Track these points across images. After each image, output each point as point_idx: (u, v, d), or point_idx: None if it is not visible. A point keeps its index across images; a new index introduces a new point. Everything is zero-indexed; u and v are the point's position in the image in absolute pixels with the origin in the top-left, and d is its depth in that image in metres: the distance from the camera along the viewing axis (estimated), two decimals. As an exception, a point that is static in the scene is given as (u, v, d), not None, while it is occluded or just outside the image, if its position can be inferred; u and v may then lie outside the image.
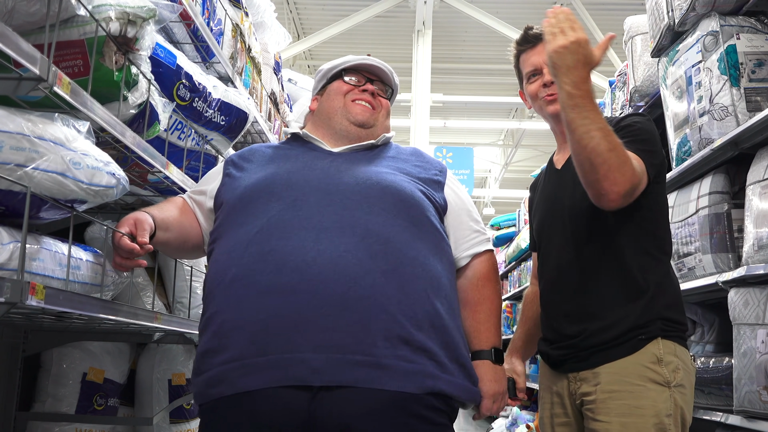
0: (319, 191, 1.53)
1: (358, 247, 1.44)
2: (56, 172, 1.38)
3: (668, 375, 1.65)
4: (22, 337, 2.29)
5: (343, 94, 1.77)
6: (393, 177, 1.60)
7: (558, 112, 1.80)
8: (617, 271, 1.71)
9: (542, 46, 1.82)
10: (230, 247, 1.51)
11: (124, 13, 1.61)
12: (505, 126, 14.45)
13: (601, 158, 1.53)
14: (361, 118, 1.73)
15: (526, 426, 6.20)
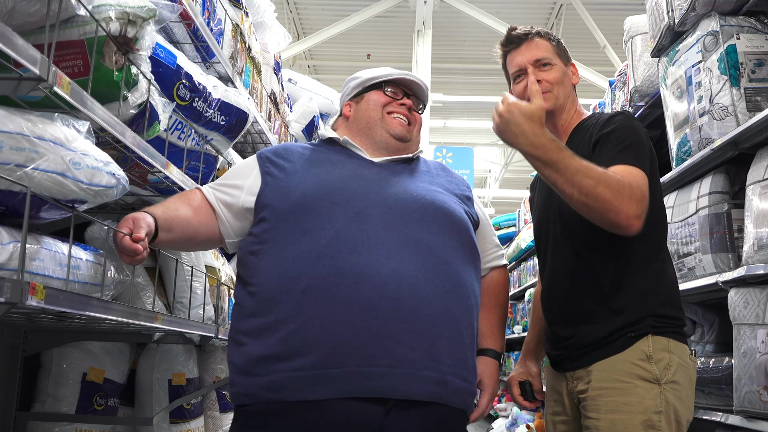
0: (380, 205, 1.58)
1: (426, 267, 1.53)
2: (56, 172, 1.38)
3: (658, 372, 1.65)
4: (22, 337, 2.29)
5: (382, 106, 1.79)
6: (443, 196, 1.69)
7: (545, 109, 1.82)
8: (607, 273, 1.72)
9: (526, 45, 1.89)
10: (297, 255, 1.52)
11: (124, 13, 1.61)
12: (505, 126, 14.43)
13: (593, 196, 1.55)
14: (400, 133, 1.77)
15: (526, 426, 6.20)
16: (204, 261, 2.60)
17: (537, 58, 1.87)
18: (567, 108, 1.90)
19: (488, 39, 10.81)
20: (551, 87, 1.86)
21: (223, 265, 2.84)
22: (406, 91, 1.84)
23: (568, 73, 1.92)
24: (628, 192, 1.56)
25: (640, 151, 1.69)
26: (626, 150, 1.68)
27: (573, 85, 1.95)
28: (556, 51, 1.91)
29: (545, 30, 1.96)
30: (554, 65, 1.88)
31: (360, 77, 1.86)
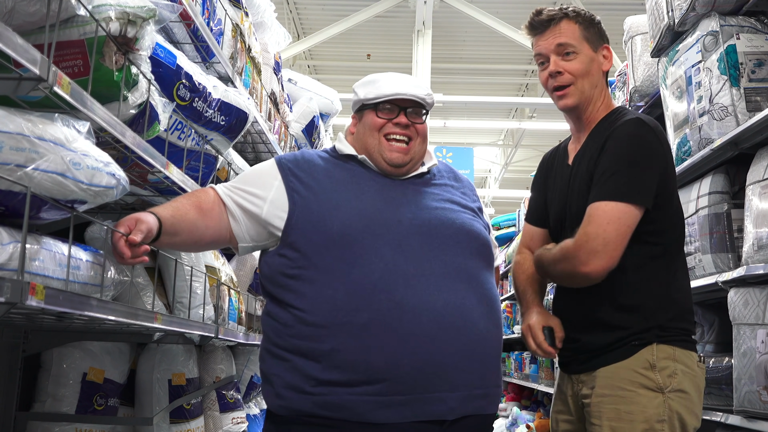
0: (418, 235, 1.66)
1: (469, 293, 1.65)
2: (56, 172, 1.38)
3: (662, 380, 1.64)
4: (22, 337, 2.29)
5: (378, 129, 1.76)
6: (464, 217, 1.76)
7: (567, 107, 1.81)
8: (616, 282, 1.70)
9: (550, 31, 1.79)
10: (349, 288, 1.59)
11: (124, 13, 1.61)
12: (505, 126, 14.45)
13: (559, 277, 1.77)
14: (396, 160, 1.76)
15: (526, 426, 6.20)
16: (204, 261, 2.60)
17: (558, 43, 1.77)
18: (594, 99, 1.81)
19: (488, 39, 10.80)
20: (574, 79, 1.77)
21: (223, 265, 2.84)
22: (402, 105, 1.77)
23: (596, 59, 1.80)
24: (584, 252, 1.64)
25: (629, 177, 1.66)
26: (610, 180, 1.66)
27: (604, 72, 1.83)
28: (584, 35, 1.79)
29: (575, 9, 1.83)
30: (579, 53, 1.77)
31: (357, 94, 1.81)
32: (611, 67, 1.86)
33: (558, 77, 1.78)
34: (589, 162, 1.76)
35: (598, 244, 1.62)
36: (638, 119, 1.73)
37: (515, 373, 7.76)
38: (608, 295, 1.72)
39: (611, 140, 1.71)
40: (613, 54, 1.86)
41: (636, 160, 1.68)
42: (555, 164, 1.95)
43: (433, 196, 1.77)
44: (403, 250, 1.63)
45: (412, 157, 1.77)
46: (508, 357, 8.31)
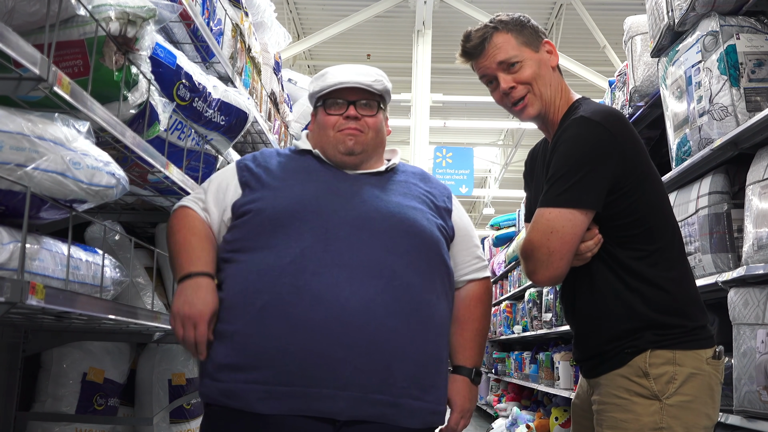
0: (349, 225, 1.59)
1: (386, 291, 1.54)
2: (56, 172, 1.38)
3: (657, 387, 1.59)
4: (22, 337, 2.29)
5: (330, 127, 1.73)
6: (414, 212, 1.67)
7: (531, 117, 1.76)
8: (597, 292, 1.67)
9: (485, 51, 1.73)
10: (260, 269, 1.54)
11: (124, 13, 1.61)
12: (505, 126, 14.46)
13: None
14: (350, 148, 1.70)
15: (526, 426, 6.20)
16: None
17: (500, 61, 1.72)
18: (552, 98, 1.74)
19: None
20: (527, 88, 1.71)
21: (223, 265, 2.84)
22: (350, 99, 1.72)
23: (542, 59, 1.73)
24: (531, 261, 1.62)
25: (572, 182, 1.59)
26: (554, 186, 1.61)
27: (554, 68, 1.76)
28: (521, 41, 1.72)
29: (501, 19, 1.76)
30: (523, 60, 1.71)
31: (310, 89, 1.80)
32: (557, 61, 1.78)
33: (512, 92, 1.72)
34: (546, 165, 1.72)
35: (543, 255, 1.59)
36: (582, 117, 1.65)
37: (515, 373, 7.76)
38: (596, 303, 1.68)
39: (559, 142, 1.66)
40: (554, 47, 1.77)
41: (580, 162, 1.60)
42: (537, 161, 1.91)
43: (384, 191, 1.69)
44: (327, 239, 1.56)
45: (364, 148, 1.72)
46: (507, 357, 8.31)
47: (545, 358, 5.99)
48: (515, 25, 1.74)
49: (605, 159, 1.61)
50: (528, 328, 6.64)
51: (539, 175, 1.85)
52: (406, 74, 10.90)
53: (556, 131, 1.72)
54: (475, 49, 1.76)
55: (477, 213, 19.86)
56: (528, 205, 1.95)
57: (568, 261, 1.61)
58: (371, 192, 1.68)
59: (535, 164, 1.92)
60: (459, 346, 1.73)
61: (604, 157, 1.61)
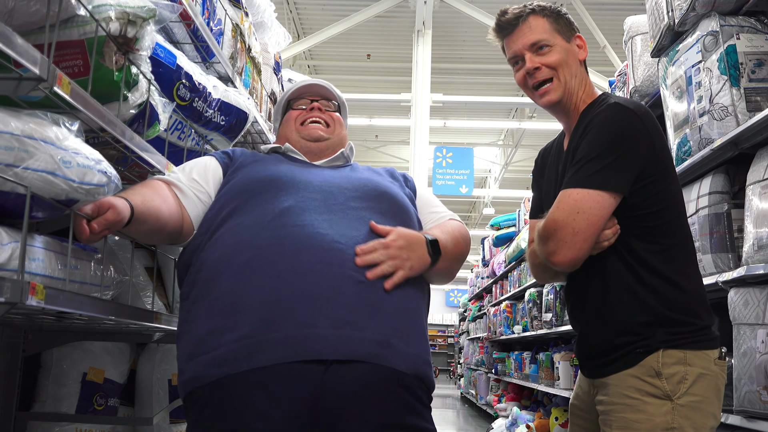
0: (323, 191, 1.64)
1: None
2: (46, 171, 1.38)
3: (669, 388, 1.59)
4: (22, 337, 2.29)
5: (294, 120, 1.96)
6: (383, 182, 1.76)
7: (551, 103, 1.77)
8: (608, 283, 1.67)
9: (519, 30, 1.76)
10: (239, 232, 1.55)
11: (124, 13, 1.61)
12: (505, 126, 14.46)
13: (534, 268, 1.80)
14: (315, 134, 1.90)
15: (526, 426, 6.20)
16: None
17: (532, 42, 1.74)
18: (576, 90, 1.77)
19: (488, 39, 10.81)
20: (554, 72, 1.74)
21: (223, 265, 2.84)
22: (313, 99, 1.98)
23: (571, 50, 1.76)
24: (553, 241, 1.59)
25: (603, 165, 1.60)
26: (584, 167, 1.61)
27: (581, 62, 1.79)
28: (555, 27, 1.75)
29: (540, 4, 1.79)
30: (553, 46, 1.74)
31: (277, 107, 2.05)
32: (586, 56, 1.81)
33: (536, 73, 1.74)
34: (573, 152, 1.71)
35: (567, 234, 1.58)
36: (617, 104, 1.67)
37: (515, 373, 7.76)
38: (608, 296, 1.67)
39: (590, 127, 1.67)
40: (586, 43, 1.80)
41: (611, 145, 1.61)
42: (550, 159, 1.92)
43: (353, 172, 1.81)
44: (304, 200, 1.59)
45: (330, 136, 1.91)
46: (507, 357, 8.31)
47: (545, 358, 6.00)
48: (551, 12, 1.77)
49: (636, 145, 1.62)
50: (528, 328, 6.64)
51: (551, 171, 1.86)
52: (406, 74, 10.90)
53: (580, 120, 1.73)
54: (509, 23, 1.79)
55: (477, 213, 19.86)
56: (536, 202, 1.95)
57: (591, 244, 1.60)
58: (340, 172, 1.79)
59: (547, 161, 1.92)
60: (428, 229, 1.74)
61: (635, 143, 1.62)
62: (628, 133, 1.63)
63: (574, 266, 1.63)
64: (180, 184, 1.74)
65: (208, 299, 1.50)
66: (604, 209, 1.59)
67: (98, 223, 1.43)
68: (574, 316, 1.83)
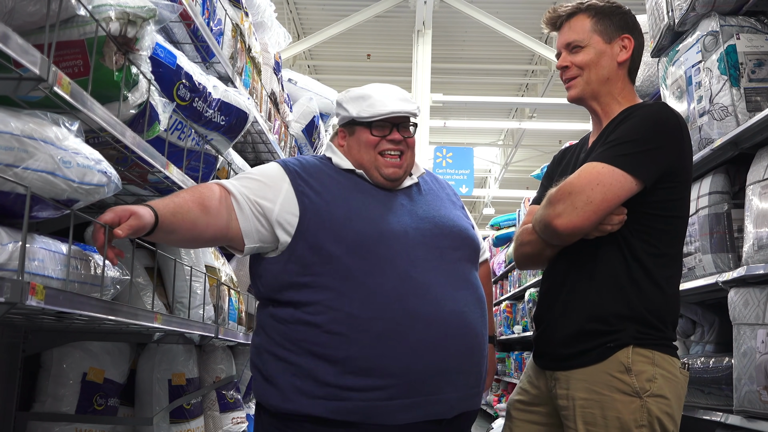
0: (421, 244, 1.72)
1: (470, 301, 1.74)
2: (46, 171, 1.37)
3: (639, 385, 1.59)
4: (22, 337, 2.29)
5: (373, 147, 1.79)
6: (458, 217, 1.86)
7: (572, 99, 1.83)
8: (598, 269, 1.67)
9: (563, 27, 1.81)
10: (364, 297, 1.64)
11: (124, 13, 1.61)
12: (505, 126, 14.46)
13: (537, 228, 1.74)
14: (393, 176, 1.81)
15: (526, 426, 6.19)
16: (204, 261, 2.60)
17: (567, 42, 1.78)
18: (605, 93, 1.77)
19: (488, 39, 10.81)
20: (580, 72, 1.76)
21: (223, 265, 2.84)
22: (394, 122, 1.80)
23: (608, 51, 1.76)
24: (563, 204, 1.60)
25: (635, 149, 1.61)
26: (614, 147, 1.62)
27: (620, 63, 1.77)
28: (596, 28, 1.76)
29: (593, 3, 1.80)
30: (586, 46, 1.75)
31: (346, 109, 1.81)
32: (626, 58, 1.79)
33: (566, 71, 1.79)
34: (605, 138, 1.70)
35: (579, 201, 1.58)
36: (665, 104, 1.74)
37: (515, 373, 7.76)
38: (592, 287, 1.67)
39: (631, 116, 1.68)
40: (635, 44, 1.80)
41: (650, 135, 1.63)
42: (570, 154, 1.92)
43: (426, 204, 1.84)
44: (412, 260, 1.69)
45: (405, 170, 1.85)
46: (508, 357, 8.31)
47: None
48: (599, 12, 1.78)
49: (672, 144, 1.64)
50: (528, 328, 6.64)
51: (569, 163, 1.86)
52: (406, 74, 10.89)
53: (616, 118, 1.73)
54: (553, 21, 1.85)
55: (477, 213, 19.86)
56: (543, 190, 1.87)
57: (598, 220, 1.60)
58: (418, 208, 1.81)
59: (566, 156, 1.93)
60: None
61: (671, 142, 1.64)
62: (668, 130, 1.65)
63: (573, 236, 1.63)
64: (239, 196, 1.69)
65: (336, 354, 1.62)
66: (623, 191, 1.59)
67: (122, 229, 1.44)
68: (545, 303, 1.79)
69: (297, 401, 1.63)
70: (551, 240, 1.69)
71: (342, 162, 1.83)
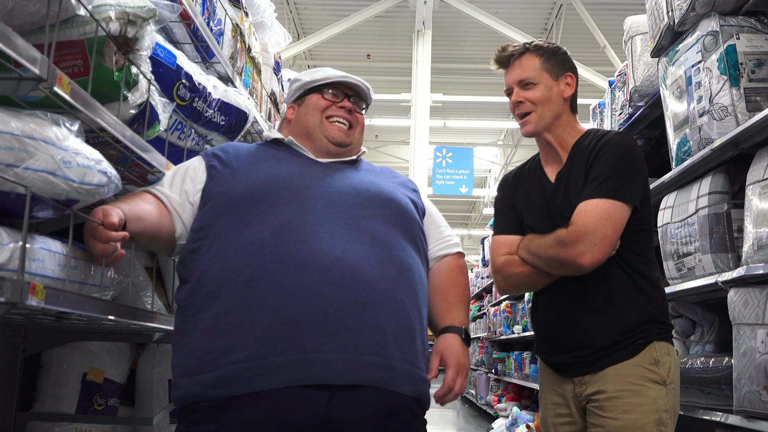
0: (324, 198, 1.59)
1: (370, 254, 1.52)
2: (46, 171, 1.37)
3: (664, 374, 1.83)
4: (22, 337, 2.29)
5: (321, 110, 1.79)
6: (387, 186, 1.72)
7: (528, 134, 1.97)
8: (615, 290, 1.86)
9: (513, 66, 1.97)
10: (239, 246, 1.50)
11: (124, 13, 1.61)
12: (505, 126, 14.46)
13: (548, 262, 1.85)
14: (339, 139, 1.77)
15: (526, 426, 6.20)
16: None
17: (520, 79, 1.95)
18: (559, 125, 1.96)
19: (488, 39, 10.81)
20: (533, 107, 1.94)
21: (223, 265, 2.84)
22: (347, 92, 1.83)
23: (556, 87, 1.95)
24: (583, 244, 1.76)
25: (622, 180, 1.82)
26: (606, 182, 1.82)
27: (566, 99, 1.98)
28: (544, 66, 1.95)
29: (537, 43, 1.99)
30: (537, 84, 1.93)
31: (301, 79, 1.85)
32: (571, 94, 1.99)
33: (520, 106, 1.95)
34: (577, 175, 1.90)
35: (597, 238, 1.77)
36: (623, 134, 1.94)
37: (515, 373, 7.76)
38: (612, 300, 1.86)
39: (604, 150, 1.87)
40: (576, 81, 2.00)
41: (627, 165, 1.85)
42: (524, 182, 2.04)
43: (356, 173, 1.74)
44: (304, 211, 1.54)
45: (352, 141, 1.80)
46: (507, 357, 8.31)
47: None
48: (546, 52, 1.97)
49: (643, 166, 1.90)
50: (528, 328, 6.65)
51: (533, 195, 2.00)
52: (406, 74, 10.90)
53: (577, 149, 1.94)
54: (503, 60, 2.01)
55: (477, 213, 19.86)
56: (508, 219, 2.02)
57: (613, 249, 1.82)
58: (342, 174, 1.71)
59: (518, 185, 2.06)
60: (445, 310, 1.70)
61: (642, 166, 1.90)
62: (638, 155, 1.90)
63: (594, 267, 1.80)
64: (169, 193, 1.68)
65: (208, 314, 1.47)
66: (624, 218, 1.82)
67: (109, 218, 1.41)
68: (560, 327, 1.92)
69: (181, 385, 1.46)
70: (567, 273, 1.85)
71: (271, 134, 1.83)
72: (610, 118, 4.15)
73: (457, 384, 1.61)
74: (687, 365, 2.79)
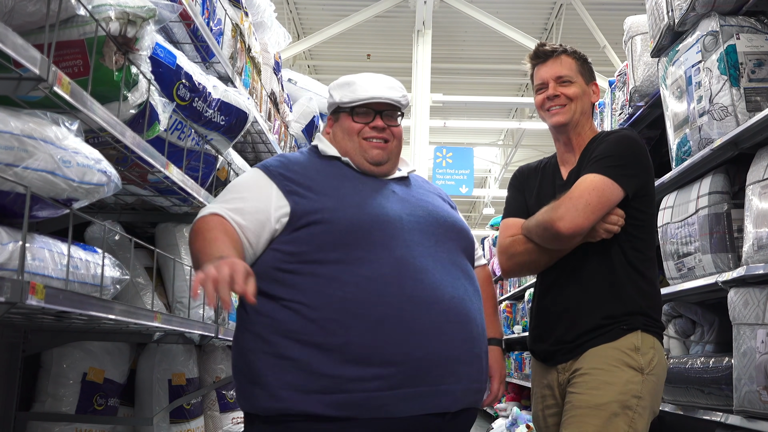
0: (416, 230, 1.69)
1: (467, 288, 1.71)
2: (46, 170, 1.38)
3: (643, 363, 1.83)
4: (22, 337, 2.29)
5: (356, 133, 1.78)
6: (454, 214, 1.84)
7: (559, 123, 2.02)
8: (607, 281, 1.90)
9: (552, 60, 2.04)
10: (361, 282, 1.58)
11: (124, 13, 1.61)
12: (505, 126, 14.46)
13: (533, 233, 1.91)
14: (378, 158, 1.78)
15: (526, 426, 6.20)
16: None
17: (559, 75, 2.02)
18: (582, 124, 2.04)
19: (488, 39, 10.80)
20: (569, 102, 2.01)
21: (223, 265, 2.84)
22: (377, 109, 1.78)
23: (587, 91, 2.05)
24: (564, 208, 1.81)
25: (620, 163, 1.86)
26: (601, 161, 1.87)
27: (592, 104, 2.09)
28: (580, 69, 2.04)
29: (573, 48, 2.09)
30: (574, 82, 2.02)
31: (332, 96, 1.82)
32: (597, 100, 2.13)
33: (555, 99, 2.02)
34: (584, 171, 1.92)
35: (580, 204, 1.80)
36: (630, 129, 2.00)
37: (515, 373, 7.76)
38: (599, 283, 1.90)
39: (608, 138, 1.95)
40: (600, 90, 2.13)
41: (628, 153, 1.90)
42: (540, 178, 2.11)
43: (417, 195, 1.81)
44: (408, 245, 1.65)
45: (389, 156, 1.80)
46: (507, 357, 8.31)
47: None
48: (580, 57, 2.08)
49: (645, 160, 1.94)
50: (528, 328, 6.64)
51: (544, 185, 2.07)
52: (406, 74, 10.89)
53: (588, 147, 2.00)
54: (546, 54, 2.07)
55: (477, 213, 19.86)
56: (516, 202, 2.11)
57: (596, 220, 1.83)
58: (410, 196, 1.78)
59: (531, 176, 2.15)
60: (487, 322, 1.84)
61: (644, 159, 1.94)
62: (640, 149, 1.94)
63: (573, 237, 1.83)
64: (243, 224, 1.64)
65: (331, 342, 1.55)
66: (614, 196, 1.85)
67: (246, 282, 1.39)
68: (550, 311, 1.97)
69: (288, 398, 1.53)
70: (551, 243, 1.88)
71: (328, 149, 1.80)
72: (610, 118, 4.15)
73: (501, 390, 1.88)
74: (687, 365, 2.79)
